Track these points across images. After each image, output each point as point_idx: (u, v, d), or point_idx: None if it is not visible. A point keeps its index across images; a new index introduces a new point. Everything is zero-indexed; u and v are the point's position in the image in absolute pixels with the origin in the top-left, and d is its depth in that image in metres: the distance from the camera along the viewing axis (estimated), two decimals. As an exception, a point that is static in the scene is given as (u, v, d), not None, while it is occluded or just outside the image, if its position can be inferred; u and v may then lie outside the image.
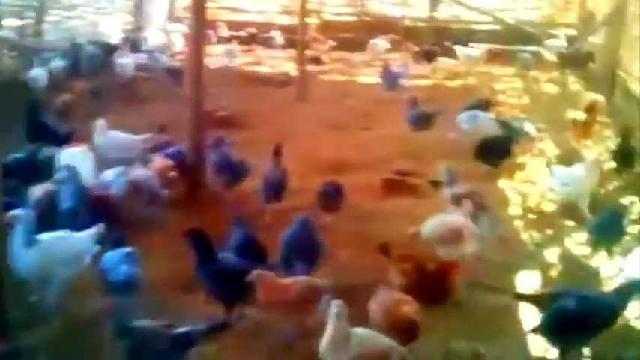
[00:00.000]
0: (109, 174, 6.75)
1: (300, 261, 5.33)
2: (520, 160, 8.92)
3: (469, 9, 17.50)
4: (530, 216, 7.32)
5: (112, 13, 15.67)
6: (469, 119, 9.23)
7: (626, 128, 8.35)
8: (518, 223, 7.15)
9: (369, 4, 18.40)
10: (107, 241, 5.35)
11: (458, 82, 13.99)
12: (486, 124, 9.13)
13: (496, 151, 8.32)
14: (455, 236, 5.76)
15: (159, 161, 7.19)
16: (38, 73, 10.68)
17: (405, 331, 4.50)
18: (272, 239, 5.65)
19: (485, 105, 9.95)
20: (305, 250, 5.44)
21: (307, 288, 4.86)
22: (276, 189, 6.89)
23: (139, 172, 6.77)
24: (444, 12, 17.78)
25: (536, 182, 8.16)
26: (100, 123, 7.91)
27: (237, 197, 7.35)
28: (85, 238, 5.32)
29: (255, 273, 4.73)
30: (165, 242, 6.06)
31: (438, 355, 4.69)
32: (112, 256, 5.11)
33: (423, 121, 9.78)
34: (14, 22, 12.61)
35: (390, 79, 12.45)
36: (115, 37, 14.76)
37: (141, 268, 5.11)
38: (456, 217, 5.99)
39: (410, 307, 4.62)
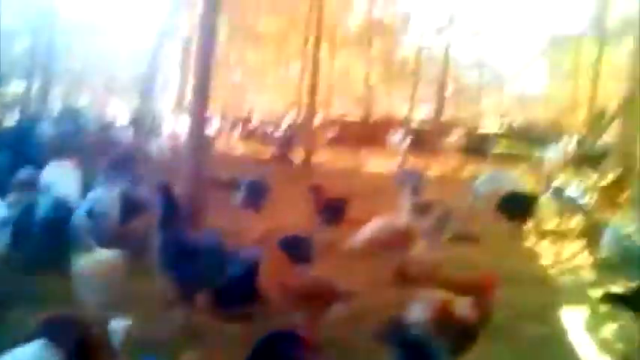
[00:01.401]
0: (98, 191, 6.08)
1: None
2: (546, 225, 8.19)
3: (476, 111, 17.52)
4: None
5: (120, 94, 15.63)
6: (488, 181, 8.62)
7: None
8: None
9: (377, 103, 18.47)
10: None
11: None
12: (504, 185, 8.48)
13: (519, 206, 7.65)
14: (402, 238, 5.47)
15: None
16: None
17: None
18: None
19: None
20: None
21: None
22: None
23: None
24: (448, 113, 17.76)
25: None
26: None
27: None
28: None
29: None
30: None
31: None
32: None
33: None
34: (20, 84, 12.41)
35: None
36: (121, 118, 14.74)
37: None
38: (398, 220, 5.88)
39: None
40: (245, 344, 4.02)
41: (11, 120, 11.38)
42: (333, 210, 6.64)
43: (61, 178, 6.03)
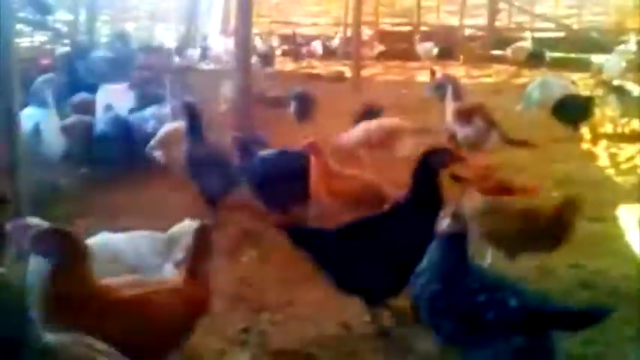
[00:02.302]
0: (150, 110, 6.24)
1: None
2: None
3: (532, 16, 16.74)
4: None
5: (165, 21, 15.65)
6: (540, 86, 8.33)
7: None
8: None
9: (426, 15, 17.91)
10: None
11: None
12: (559, 89, 8.19)
13: (575, 109, 7.43)
14: (387, 137, 5.66)
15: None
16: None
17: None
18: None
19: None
20: None
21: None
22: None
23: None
24: (504, 20, 17.08)
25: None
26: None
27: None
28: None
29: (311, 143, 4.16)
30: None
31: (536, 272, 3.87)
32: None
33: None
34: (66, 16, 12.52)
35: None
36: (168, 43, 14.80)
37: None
38: (390, 119, 6.09)
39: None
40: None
41: (63, 47, 11.60)
42: (369, 117, 6.59)
43: (115, 100, 6.18)
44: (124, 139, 5.60)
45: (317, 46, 16.51)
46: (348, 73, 12.99)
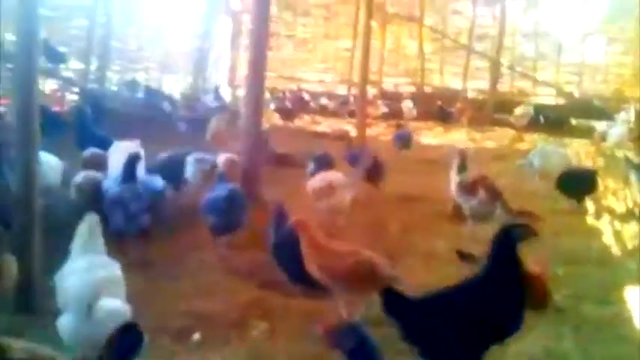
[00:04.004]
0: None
1: None
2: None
3: (534, 81, 17.07)
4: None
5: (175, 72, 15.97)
6: (538, 154, 8.44)
7: None
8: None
9: (430, 76, 18.26)
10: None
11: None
12: (559, 159, 8.31)
13: (579, 182, 7.51)
14: (327, 188, 6.36)
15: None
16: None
17: None
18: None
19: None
20: None
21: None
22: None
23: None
24: (506, 84, 17.43)
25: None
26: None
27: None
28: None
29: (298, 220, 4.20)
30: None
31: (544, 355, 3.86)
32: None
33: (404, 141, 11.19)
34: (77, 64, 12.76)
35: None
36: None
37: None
38: (333, 173, 6.79)
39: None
40: (306, 318, 4.19)
41: (73, 95, 11.80)
42: (374, 169, 7.61)
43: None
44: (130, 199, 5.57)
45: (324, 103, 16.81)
46: (352, 132, 13.12)
